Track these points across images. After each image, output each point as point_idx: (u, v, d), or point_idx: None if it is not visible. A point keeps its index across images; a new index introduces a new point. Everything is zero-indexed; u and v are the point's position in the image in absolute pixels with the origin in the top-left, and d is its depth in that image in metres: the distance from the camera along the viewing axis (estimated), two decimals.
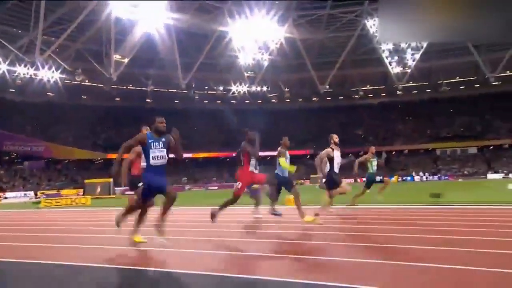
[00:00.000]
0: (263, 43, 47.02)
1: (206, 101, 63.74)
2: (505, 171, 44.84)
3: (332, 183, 7.13)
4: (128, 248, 4.85)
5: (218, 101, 63.79)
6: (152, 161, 4.61)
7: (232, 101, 62.99)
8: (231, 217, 8.17)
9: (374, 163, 9.17)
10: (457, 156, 54.98)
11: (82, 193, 27.11)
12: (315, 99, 64.92)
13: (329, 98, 65.20)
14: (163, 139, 4.70)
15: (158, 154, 4.61)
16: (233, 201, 6.27)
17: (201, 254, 4.52)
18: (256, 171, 6.42)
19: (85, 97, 57.18)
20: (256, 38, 46.16)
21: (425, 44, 47.33)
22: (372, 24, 46.52)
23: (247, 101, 62.67)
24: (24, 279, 3.71)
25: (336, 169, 7.11)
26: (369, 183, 9.23)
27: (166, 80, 55.75)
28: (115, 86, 53.72)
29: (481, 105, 57.97)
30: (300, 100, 65.75)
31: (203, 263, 3.99)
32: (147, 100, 60.69)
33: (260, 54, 47.79)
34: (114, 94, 55.05)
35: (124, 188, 23.44)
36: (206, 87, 59.79)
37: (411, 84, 59.44)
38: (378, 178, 9.27)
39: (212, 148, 56.15)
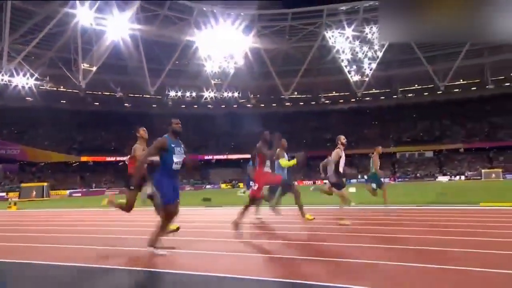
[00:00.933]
0: (228, 53, 49.16)
1: (183, 106, 65.57)
2: (453, 173, 47.48)
3: (337, 181, 7.12)
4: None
5: (195, 106, 65.68)
6: (174, 166, 4.39)
7: (209, 106, 65.06)
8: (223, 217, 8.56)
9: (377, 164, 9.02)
10: (414, 159, 57.62)
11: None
12: (288, 104, 67.29)
13: (302, 104, 67.75)
14: (182, 145, 4.52)
15: (179, 159, 4.43)
16: (251, 203, 6.03)
17: (198, 255, 4.44)
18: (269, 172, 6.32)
19: (64, 101, 58.62)
20: (222, 48, 48.29)
21: (380, 54, 49.94)
22: (330, 35, 48.98)
23: (223, 106, 64.89)
24: None
25: (341, 169, 7.11)
26: (373, 183, 9.09)
27: (141, 86, 57.62)
28: (90, 92, 55.47)
29: (441, 112, 60.82)
30: (274, 105, 67.99)
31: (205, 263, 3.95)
32: (125, 104, 62.36)
33: (226, 62, 49.88)
34: (89, 100, 56.66)
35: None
36: (180, 92, 61.64)
37: (377, 91, 62.30)
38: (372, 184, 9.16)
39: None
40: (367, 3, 46.25)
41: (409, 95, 66.80)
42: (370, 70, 51.30)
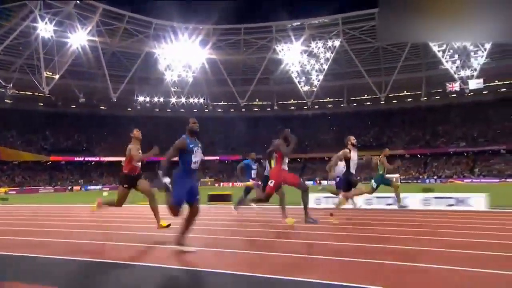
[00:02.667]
0: (187, 64, 52.35)
1: (158, 110, 68.33)
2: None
3: (347, 183, 6.90)
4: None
5: (168, 110, 68.54)
6: (193, 166, 4.35)
7: (181, 110, 68.03)
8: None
9: (386, 166, 8.85)
10: (361, 163, 60.91)
11: None
12: (256, 109, 70.54)
13: (269, 109, 71.02)
14: (199, 144, 4.50)
15: (198, 158, 4.41)
16: (264, 200, 5.95)
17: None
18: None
19: (42, 104, 61.22)
20: (180, 58, 51.46)
21: (326, 67, 53.45)
22: (281, 49, 52.37)
23: (195, 110, 67.91)
24: None
25: (353, 170, 6.92)
26: (377, 184, 8.80)
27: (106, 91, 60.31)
28: (63, 96, 58.31)
29: (392, 119, 64.38)
30: (243, 110, 71.13)
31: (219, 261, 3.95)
32: (101, 107, 65.06)
33: (185, 72, 53.07)
34: (60, 104, 59.46)
35: None
36: (148, 98, 64.44)
37: (335, 99, 65.82)
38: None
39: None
40: (312, 21, 49.71)
41: (367, 103, 70.31)
42: (318, 81, 54.70)
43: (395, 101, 66.26)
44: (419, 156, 56.96)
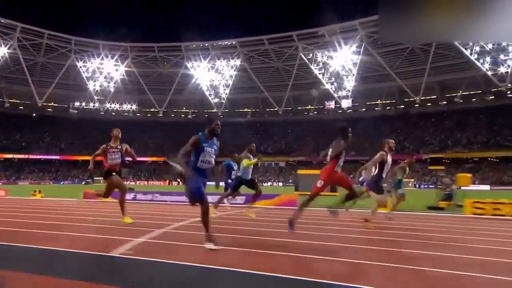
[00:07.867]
0: (108, 75, 57.99)
1: (102, 113, 72.92)
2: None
3: (375, 185, 6.60)
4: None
5: (113, 114, 73.48)
6: (199, 164, 4.22)
7: (125, 114, 73.02)
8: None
9: (406, 172, 8.77)
10: (269, 167, 67.07)
11: None
12: (190, 116, 75.93)
13: (207, 116, 76.56)
14: (215, 146, 4.34)
15: (208, 159, 4.25)
16: (310, 199, 5.29)
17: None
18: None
19: None
20: (101, 71, 57.11)
21: (231, 83, 59.59)
22: (191, 66, 58.38)
23: (138, 114, 73.01)
24: None
25: (384, 173, 6.62)
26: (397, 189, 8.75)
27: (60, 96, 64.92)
28: (13, 101, 63.16)
29: (296, 129, 70.29)
30: (173, 115, 76.03)
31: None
32: (48, 109, 69.87)
33: (106, 82, 58.72)
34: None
35: None
36: (84, 103, 69.39)
37: (248, 110, 71.71)
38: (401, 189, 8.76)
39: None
40: (215, 43, 55.84)
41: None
42: (226, 94, 60.80)
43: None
44: (312, 162, 63.12)
